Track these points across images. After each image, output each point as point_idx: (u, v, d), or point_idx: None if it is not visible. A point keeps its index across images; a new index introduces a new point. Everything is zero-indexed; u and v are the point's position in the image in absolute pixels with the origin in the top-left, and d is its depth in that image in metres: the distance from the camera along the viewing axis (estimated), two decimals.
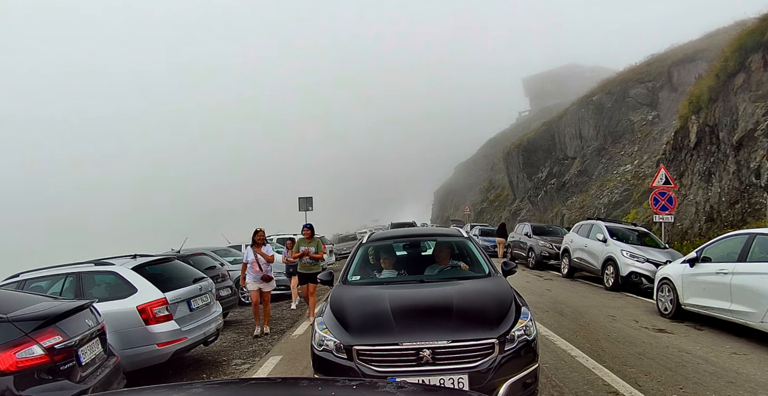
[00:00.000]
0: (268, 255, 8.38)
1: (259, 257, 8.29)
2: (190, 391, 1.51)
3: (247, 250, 8.45)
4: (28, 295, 4.39)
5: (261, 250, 8.35)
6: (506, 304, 4.03)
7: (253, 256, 8.29)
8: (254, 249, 8.34)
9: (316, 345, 3.92)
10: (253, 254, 8.30)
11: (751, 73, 13.24)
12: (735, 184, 12.94)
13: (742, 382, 4.90)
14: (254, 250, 8.33)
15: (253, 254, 8.30)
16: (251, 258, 8.26)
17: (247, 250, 8.50)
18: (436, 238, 5.83)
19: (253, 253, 8.31)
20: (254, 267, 8.28)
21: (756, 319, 6.18)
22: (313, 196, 25.72)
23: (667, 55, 26.16)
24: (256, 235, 8.41)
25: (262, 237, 8.44)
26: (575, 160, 28.96)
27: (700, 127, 15.25)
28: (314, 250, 8.92)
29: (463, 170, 64.47)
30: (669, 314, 8.08)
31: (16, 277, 6.32)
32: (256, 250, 8.32)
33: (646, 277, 10.65)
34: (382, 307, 3.99)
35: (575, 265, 13.69)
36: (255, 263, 8.27)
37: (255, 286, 8.30)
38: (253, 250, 8.32)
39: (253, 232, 8.47)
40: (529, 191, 34.57)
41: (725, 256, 7.11)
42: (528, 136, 38.28)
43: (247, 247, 8.63)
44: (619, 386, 4.83)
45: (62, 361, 3.59)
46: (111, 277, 6.04)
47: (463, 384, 3.48)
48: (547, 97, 59.81)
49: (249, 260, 8.28)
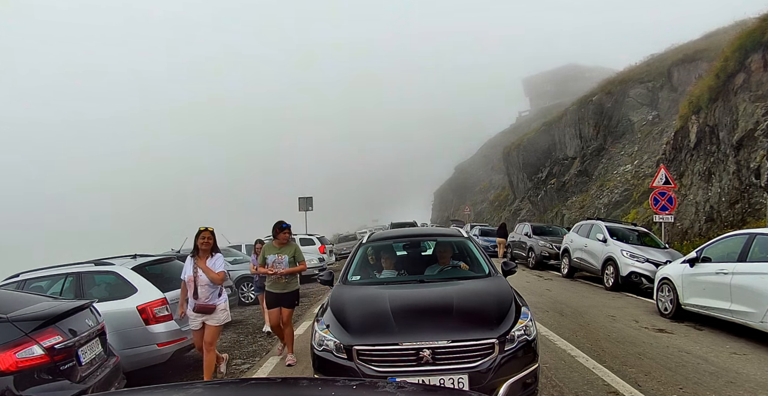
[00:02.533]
0: (213, 271, 5.28)
1: (199, 274, 5.27)
2: (190, 391, 1.51)
3: (186, 262, 5.50)
4: (28, 295, 4.40)
5: (204, 262, 5.33)
6: (506, 304, 4.03)
7: (192, 271, 5.30)
8: (194, 260, 5.36)
9: (316, 345, 3.92)
10: (192, 268, 5.32)
11: (751, 73, 13.24)
12: (735, 184, 12.94)
13: (742, 382, 4.90)
14: (194, 262, 5.35)
15: (192, 268, 5.32)
16: (188, 274, 5.34)
17: (186, 262, 5.51)
18: (436, 238, 5.83)
19: (192, 267, 5.33)
20: (189, 288, 5.32)
21: (756, 319, 6.18)
22: (313, 196, 25.77)
23: (667, 55, 26.15)
24: (199, 238, 5.35)
25: (208, 242, 5.36)
26: (575, 160, 28.95)
27: (700, 127, 15.25)
28: (286, 262, 6.16)
29: (463, 170, 64.44)
30: (669, 314, 8.08)
31: (16, 277, 6.33)
32: (197, 262, 5.33)
33: (646, 277, 10.65)
34: (382, 307, 3.99)
35: (575, 265, 13.69)
36: (191, 281, 5.28)
37: (195, 322, 5.36)
38: (193, 262, 5.35)
39: (196, 232, 5.42)
40: (529, 191, 34.56)
41: (725, 256, 7.11)
42: (528, 136, 38.28)
43: (188, 257, 5.50)
44: (619, 386, 4.83)
45: (62, 361, 3.59)
46: (111, 277, 6.05)
47: (463, 384, 3.48)
48: (547, 97, 59.84)
49: (185, 278, 5.38)
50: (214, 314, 5.33)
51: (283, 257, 6.15)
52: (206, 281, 5.29)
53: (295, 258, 6.24)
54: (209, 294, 5.33)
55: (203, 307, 5.28)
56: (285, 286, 6.23)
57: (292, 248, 6.31)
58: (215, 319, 5.35)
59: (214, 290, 5.37)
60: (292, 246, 6.34)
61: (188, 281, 5.35)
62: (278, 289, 6.23)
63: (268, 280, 6.33)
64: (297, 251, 6.30)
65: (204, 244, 5.35)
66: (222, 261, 5.42)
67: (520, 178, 37.74)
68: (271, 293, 6.29)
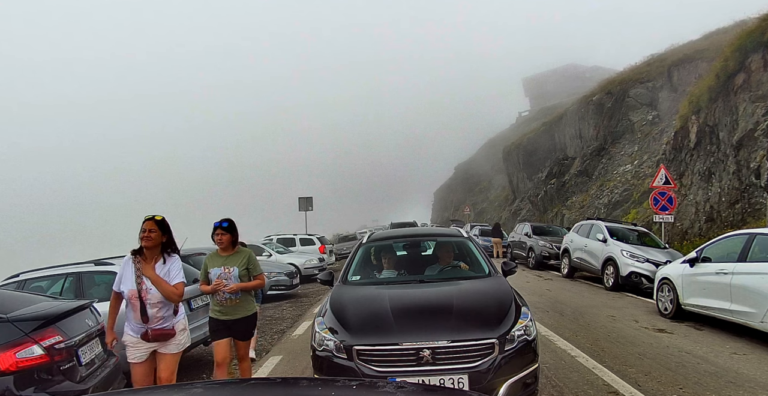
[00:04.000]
0: (167, 282, 3.71)
1: (147, 287, 3.68)
2: (190, 391, 1.51)
3: (123, 265, 3.85)
4: (28, 295, 4.40)
5: (152, 268, 3.72)
6: (506, 304, 4.03)
7: (134, 283, 3.70)
8: (138, 265, 3.74)
9: (316, 345, 3.92)
10: (134, 279, 3.71)
11: (751, 73, 13.24)
12: (735, 184, 12.94)
13: (742, 382, 4.90)
14: (137, 268, 3.73)
15: (134, 279, 3.71)
16: (130, 286, 3.71)
17: (123, 265, 3.86)
18: (436, 238, 5.83)
19: (133, 276, 3.72)
20: (133, 307, 3.72)
21: (756, 319, 6.18)
22: (312, 196, 25.79)
23: (667, 55, 26.14)
24: (144, 232, 3.73)
25: (150, 237, 3.73)
26: (575, 160, 28.95)
27: (700, 127, 15.25)
28: (236, 275, 4.43)
29: (463, 170, 64.41)
30: (669, 314, 8.08)
31: (16, 277, 6.33)
32: (142, 268, 3.73)
33: (646, 277, 10.64)
34: (382, 307, 3.99)
35: (575, 265, 13.69)
36: (135, 298, 3.69)
37: (139, 351, 3.77)
38: (135, 268, 3.74)
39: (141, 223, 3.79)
40: (529, 191, 34.55)
41: (725, 256, 7.11)
42: (528, 136, 38.29)
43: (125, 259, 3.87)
44: (619, 386, 4.83)
45: (62, 361, 3.58)
46: (111, 277, 6.03)
47: (463, 384, 3.48)
48: (547, 97, 59.79)
49: (125, 291, 3.74)
50: (175, 340, 3.83)
51: (232, 269, 4.43)
52: (159, 297, 3.66)
53: (248, 270, 4.51)
54: (164, 314, 3.71)
55: (160, 333, 3.69)
56: (236, 309, 4.42)
57: (243, 256, 4.54)
58: (174, 344, 3.83)
59: (170, 307, 3.81)
60: (242, 253, 4.57)
61: (130, 297, 3.65)
62: (227, 315, 4.42)
63: (213, 303, 4.51)
64: (251, 260, 4.55)
65: (147, 239, 3.67)
66: (180, 267, 3.78)
67: (520, 178, 37.74)
68: (216, 321, 4.46)
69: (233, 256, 4.57)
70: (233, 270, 4.45)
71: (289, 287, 12.72)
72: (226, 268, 4.46)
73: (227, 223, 4.53)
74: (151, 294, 3.69)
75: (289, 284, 12.64)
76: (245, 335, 4.56)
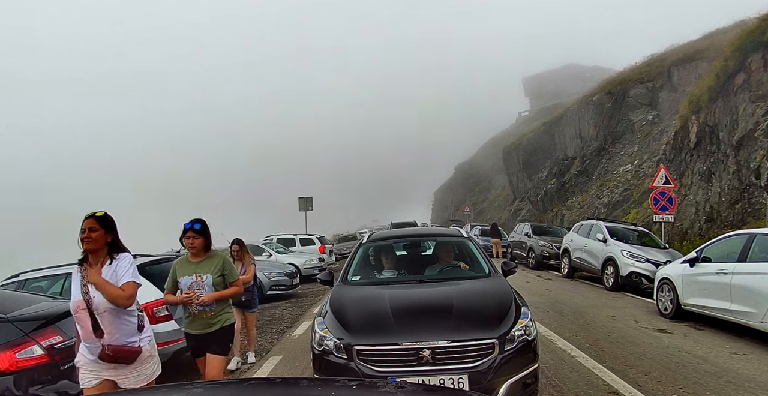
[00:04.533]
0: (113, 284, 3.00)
1: (93, 295, 2.99)
2: (190, 391, 1.51)
3: (73, 277, 3.14)
4: (28, 295, 4.41)
5: (97, 272, 3.03)
6: (506, 304, 4.03)
7: (80, 291, 3.02)
8: (83, 273, 3.06)
9: (316, 345, 3.92)
10: (80, 288, 3.03)
11: (751, 73, 13.24)
12: (735, 184, 12.94)
13: (742, 382, 4.90)
14: (82, 276, 3.06)
15: (80, 288, 3.03)
16: (76, 297, 3.04)
17: (72, 277, 3.15)
18: (436, 238, 5.83)
19: (79, 285, 3.04)
20: (82, 322, 3.01)
21: (756, 319, 6.18)
22: (312, 196, 25.79)
23: (667, 55, 26.13)
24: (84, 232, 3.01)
25: (90, 238, 3.01)
26: (575, 160, 28.95)
27: (700, 127, 15.25)
28: (209, 283, 3.94)
29: (463, 170, 64.41)
30: (669, 314, 8.08)
31: (16, 277, 6.33)
32: (88, 274, 3.03)
33: (646, 277, 10.64)
34: (382, 307, 4.00)
35: (575, 265, 13.69)
36: (81, 310, 2.99)
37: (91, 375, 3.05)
38: (81, 276, 3.06)
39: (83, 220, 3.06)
40: (529, 191, 34.56)
41: (725, 256, 7.12)
42: (528, 136, 38.30)
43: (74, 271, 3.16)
44: (619, 386, 4.83)
45: (62, 361, 3.59)
46: None
47: (463, 384, 3.48)
48: (547, 97, 59.78)
49: (72, 303, 3.06)
50: (136, 364, 3.06)
51: (205, 277, 3.93)
52: (107, 305, 2.96)
53: (224, 277, 4.00)
54: (118, 326, 3.01)
55: (120, 350, 2.98)
56: (211, 322, 3.93)
57: (217, 262, 4.02)
58: (140, 373, 3.09)
59: (130, 320, 3.08)
60: (215, 258, 4.05)
61: (77, 310, 2.99)
62: (201, 328, 3.93)
63: (186, 315, 3.99)
64: (226, 265, 4.04)
65: (88, 240, 2.98)
66: (129, 265, 3.07)
67: (520, 178, 37.73)
68: (191, 337, 4.00)
69: (206, 261, 4.03)
70: (206, 278, 3.94)
71: (289, 287, 12.73)
72: (198, 276, 3.95)
73: (199, 225, 3.99)
74: (96, 301, 2.97)
75: (289, 284, 12.65)
76: (222, 349, 4.01)
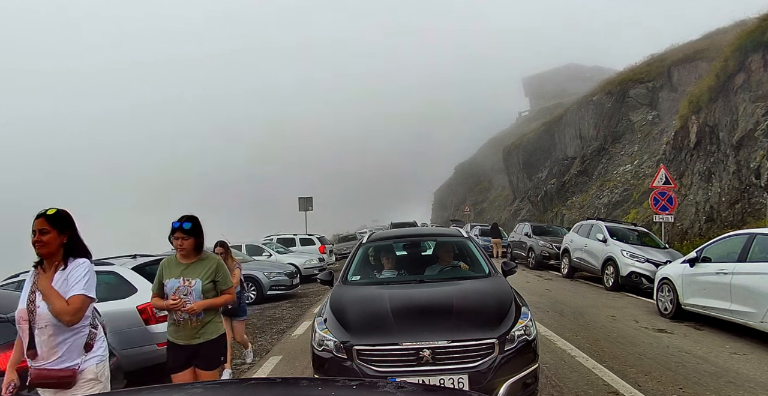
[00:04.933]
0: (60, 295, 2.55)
1: (39, 305, 2.55)
2: (190, 391, 1.51)
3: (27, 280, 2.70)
4: None
5: (48, 278, 2.60)
6: (506, 304, 4.03)
7: (25, 301, 2.59)
8: (35, 278, 2.62)
9: (316, 345, 3.92)
10: (27, 296, 2.60)
11: (751, 73, 13.25)
12: (735, 184, 12.94)
13: (742, 382, 4.90)
14: (33, 281, 2.62)
15: (27, 296, 2.60)
16: (20, 306, 2.62)
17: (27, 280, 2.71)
18: (436, 238, 5.83)
19: (27, 292, 2.62)
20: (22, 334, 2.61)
21: (756, 319, 6.18)
22: (312, 196, 25.80)
23: (667, 55, 26.13)
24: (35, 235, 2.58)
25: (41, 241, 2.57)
26: (575, 160, 28.95)
27: (700, 127, 15.25)
28: (198, 290, 3.49)
29: (463, 170, 64.41)
30: (669, 314, 8.08)
31: (16, 277, 6.34)
32: (38, 279, 2.60)
33: (646, 277, 10.65)
34: (382, 307, 4.00)
35: (575, 265, 13.69)
36: (23, 321, 2.57)
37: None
38: (33, 281, 2.62)
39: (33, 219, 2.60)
40: (529, 191, 34.56)
41: (725, 256, 7.12)
42: (528, 136, 38.29)
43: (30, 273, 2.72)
44: (619, 386, 4.83)
45: None
46: (111, 277, 6.05)
47: (463, 384, 3.48)
48: (547, 97, 59.78)
49: (16, 312, 2.66)
50: (74, 389, 2.56)
51: (193, 282, 3.47)
52: (50, 319, 2.52)
53: (215, 283, 3.53)
54: (59, 345, 2.54)
55: (45, 376, 2.52)
56: (198, 332, 3.50)
57: (209, 265, 3.55)
58: None
59: (75, 338, 2.59)
60: (208, 261, 3.57)
61: (18, 320, 2.60)
62: (186, 339, 3.51)
63: (169, 323, 3.60)
64: (219, 270, 3.56)
65: (39, 244, 2.57)
66: (84, 274, 2.61)
67: (520, 178, 37.73)
68: (174, 346, 3.58)
69: (196, 264, 3.54)
70: (195, 283, 3.46)
71: (289, 287, 12.74)
72: (185, 280, 3.47)
73: (189, 224, 3.50)
74: (39, 312, 2.51)
75: (289, 284, 12.66)
76: (210, 363, 3.55)
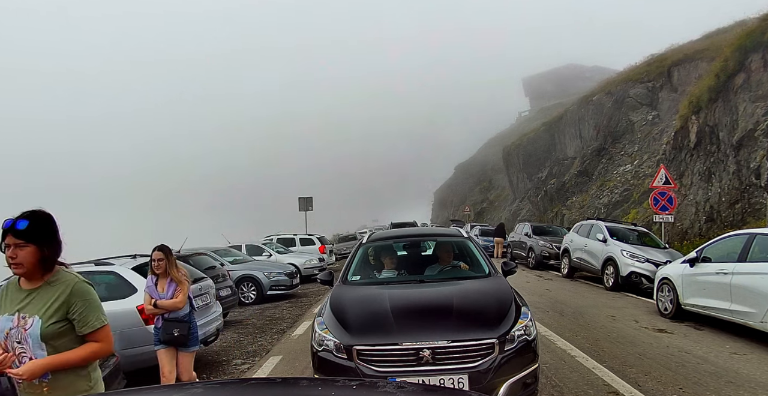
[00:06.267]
0: None
1: None
2: (190, 391, 1.51)
3: None
4: None
5: None
6: (506, 304, 4.03)
7: None
8: None
9: (316, 345, 3.92)
10: None
11: (751, 73, 13.25)
12: (735, 184, 12.94)
13: (742, 382, 4.90)
14: None
15: None
16: None
17: None
18: (436, 238, 5.83)
19: None
20: None
21: (756, 319, 6.18)
22: (312, 196, 25.78)
23: (667, 55, 26.11)
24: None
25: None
26: (575, 160, 28.95)
27: (700, 127, 15.25)
28: (36, 336, 2.08)
29: (463, 170, 64.40)
30: (669, 314, 8.08)
31: None
32: None
33: (646, 277, 10.64)
34: (382, 307, 3.99)
35: (575, 265, 13.69)
36: None
37: None
38: None
39: None
40: (529, 191, 34.56)
41: (725, 256, 7.11)
42: (528, 136, 38.28)
43: None
44: (619, 386, 4.83)
45: None
46: (111, 277, 6.04)
47: (463, 384, 3.48)
48: (547, 97, 59.78)
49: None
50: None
51: (30, 321, 2.13)
52: None
53: (71, 322, 2.21)
54: None
55: None
56: None
57: (57, 292, 2.21)
58: None
59: None
60: (58, 286, 2.22)
61: None
62: None
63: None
64: (75, 303, 2.22)
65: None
66: None
67: (520, 178, 37.73)
68: None
69: (41, 291, 2.20)
70: (31, 324, 2.13)
71: (289, 287, 12.74)
72: (21, 317, 2.14)
73: (26, 223, 2.12)
74: None
75: (289, 284, 12.66)
76: None
